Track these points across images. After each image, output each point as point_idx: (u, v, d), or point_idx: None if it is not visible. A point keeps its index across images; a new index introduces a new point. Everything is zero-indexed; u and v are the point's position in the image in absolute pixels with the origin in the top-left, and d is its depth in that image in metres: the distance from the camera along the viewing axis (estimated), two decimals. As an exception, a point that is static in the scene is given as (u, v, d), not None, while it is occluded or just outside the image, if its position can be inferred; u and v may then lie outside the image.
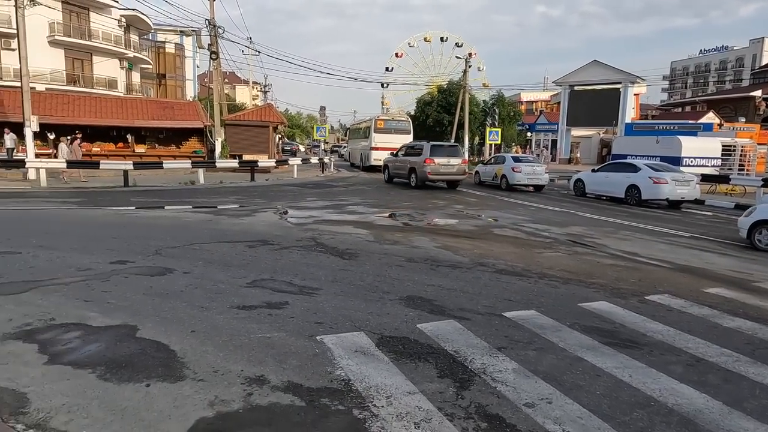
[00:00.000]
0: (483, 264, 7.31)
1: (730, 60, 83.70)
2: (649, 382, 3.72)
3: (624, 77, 39.90)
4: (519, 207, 15.15)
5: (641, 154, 24.11)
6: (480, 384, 3.61)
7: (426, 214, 12.95)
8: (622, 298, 5.86)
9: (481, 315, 5.08)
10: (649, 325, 4.96)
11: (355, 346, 4.18)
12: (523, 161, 21.60)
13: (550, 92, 59.19)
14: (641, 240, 10.01)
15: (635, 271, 7.29)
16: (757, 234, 9.60)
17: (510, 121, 42.24)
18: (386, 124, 29.63)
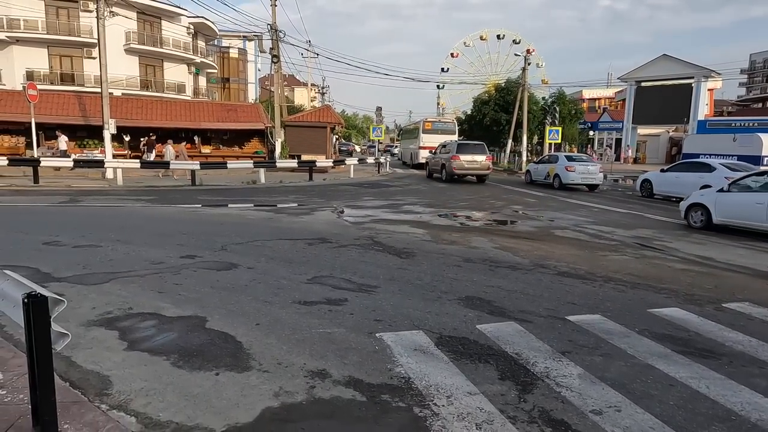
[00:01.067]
0: (544, 266, 7.11)
1: (820, 50, 76.72)
2: (729, 394, 3.48)
3: (697, 71, 37.58)
4: (580, 208, 14.61)
5: (716, 153, 22.71)
6: (543, 388, 3.51)
7: (483, 213, 12.75)
8: (697, 305, 5.52)
9: (543, 318, 4.95)
10: (728, 334, 4.65)
11: (414, 344, 4.18)
12: (576, 160, 21.13)
13: (615, 89, 56.67)
14: (716, 244, 9.38)
15: (710, 276, 6.85)
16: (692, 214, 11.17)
17: (571, 119, 40.70)
18: (433, 125, 32.27)
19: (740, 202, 10.24)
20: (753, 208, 9.92)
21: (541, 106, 38.04)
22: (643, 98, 40.01)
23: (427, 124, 32.44)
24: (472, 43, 62.82)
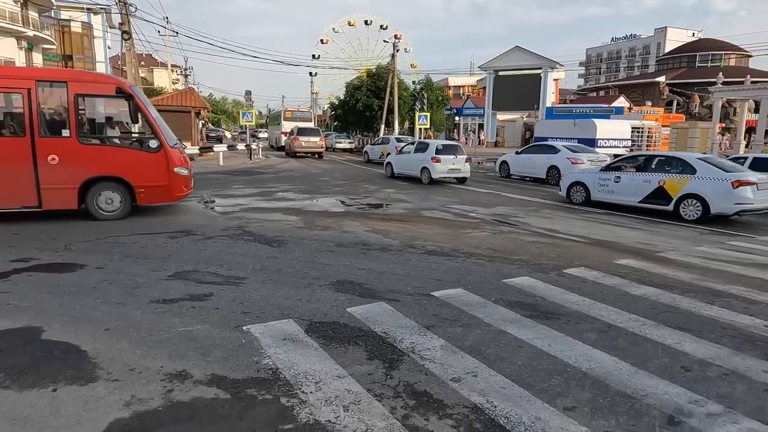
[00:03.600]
0: (413, 246, 7.41)
1: (638, 48, 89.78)
2: (566, 350, 3.94)
3: (544, 63, 41.70)
4: (446, 189, 15.49)
5: (561, 136, 25.39)
6: (409, 363, 3.66)
7: (357, 199, 12.93)
8: (543, 272, 6.16)
9: (411, 296, 5.15)
10: (567, 296, 5.25)
11: (283, 334, 4.09)
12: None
13: (477, 77, 60.76)
14: (561, 218, 10.57)
15: (555, 246, 7.68)
16: (573, 192, 13.01)
17: (438, 105, 42.96)
18: (293, 113, 38.24)
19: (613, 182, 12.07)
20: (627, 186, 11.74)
21: (411, 93, 39.49)
22: (501, 86, 43.47)
23: (287, 112, 38.49)
24: (341, 28, 62.95)
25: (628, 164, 12.30)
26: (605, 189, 12.21)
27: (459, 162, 16.81)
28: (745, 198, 9.99)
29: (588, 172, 13.33)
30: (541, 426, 2.89)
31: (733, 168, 10.88)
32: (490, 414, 3.00)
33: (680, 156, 11.58)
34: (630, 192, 11.66)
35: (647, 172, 11.48)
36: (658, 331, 4.38)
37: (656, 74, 60.65)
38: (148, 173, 8.98)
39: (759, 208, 10.36)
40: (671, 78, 54.85)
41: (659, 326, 4.49)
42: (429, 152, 16.91)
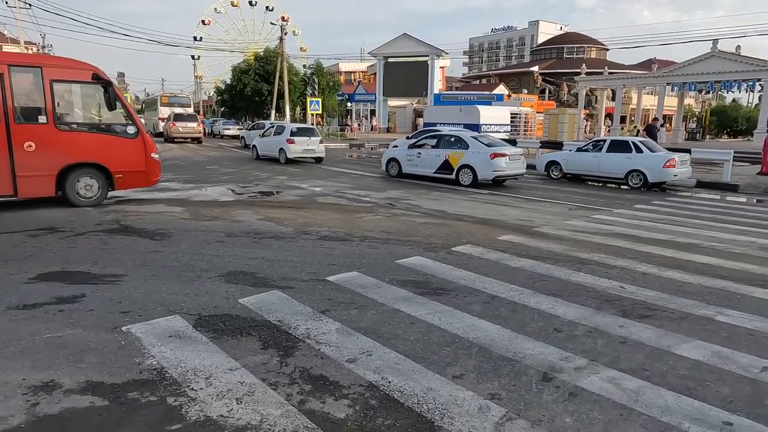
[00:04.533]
0: (307, 232, 7.34)
1: (515, 39, 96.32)
2: (454, 322, 4.16)
3: (431, 50, 43.12)
4: (341, 175, 15.53)
5: (448, 122, 26.52)
6: (304, 349, 3.63)
7: (249, 187, 12.48)
8: (434, 251, 6.44)
9: (306, 282, 5.11)
10: (455, 272, 5.54)
11: (168, 331, 3.85)
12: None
13: (367, 63, 61.22)
14: (449, 199, 11.09)
15: (444, 227, 8.05)
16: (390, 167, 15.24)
17: (330, 91, 42.68)
18: (170, 99, 38.24)
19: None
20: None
21: (302, 77, 38.78)
22: (391, 73, 44.25)
23: (164, 98, 38.34)
24: (224, 9, 59.76)
25: (426, 143, 14.69)
26: (411, 163, 14.68)
27: (313, 143, 19.02)
28: (500, 167, 12.94)
29: (397, 150, 15.89)
30: (432, 395, 3.03)
31: (494, 143, 13.77)
32: (385, 390, 3.08)
33: (459, 135, 14.35)
34: (428, 165, 14.18)
35: (439, 149, 14.07)
36: (535, 298, 4.79)
37: (531, 64, 65.62)
38: (127, 159, 9.04)
39: (510, 174, 13.46)
40: (543, 68, 59.70)
41: (536, 294, 4.91)
42: (285, 134, 19.03)
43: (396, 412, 2.86)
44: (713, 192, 13.81)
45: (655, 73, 36.98)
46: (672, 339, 3.94)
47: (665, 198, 12.21)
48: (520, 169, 13.66)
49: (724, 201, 12.43)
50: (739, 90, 35.65)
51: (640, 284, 5.29)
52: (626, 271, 5.78)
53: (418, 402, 2.96)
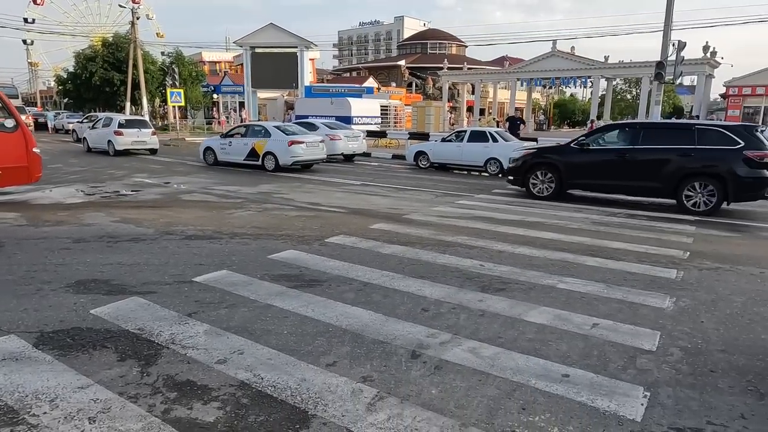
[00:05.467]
0: (170, 233, 6.86)
1: (382, 33, 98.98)
2: (327, 312, 4.21)
3: (299, 42, 42.46)
4: (207, 171, 14.75)
5: (320, 114, 26.50)
6: (169, 355, 3.41)
7: (101, 186, 11.29)
8: (307, 244, 6.42)
9: (169, 285, 4.79)
10: (329, 263, 5.59)
11: (1, 354, 3.36)
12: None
13: (233, 53, 58.53)
14: (323, 191, 11.12)
15: (318, 219, 8.06)
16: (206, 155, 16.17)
17: (193, 81, 40.10)
18: None
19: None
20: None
21: (160, 66, 35.90)
22: (259, 63, 42.75)
23: None
24: (62, -14, 52.92)
25: (236, 132, 15.83)
26: (224, 152, 15.62)
27: (144, 135, 19.31)
28: (297, 153, 14.28)
29: (213, 139, 16.81)
30: (306, 386, 3.04)
31: (294, 132, 15.15)
32: (257, 387, 3.02)
33: (263, 124, 15.79)
34: (238, 153, 15.24)
35: (247, 137, 15.20)
36: (405, 282, 5.03)
37: (398, 58, 68.00)
38: (7, 154, 8.15)
39: (308, 159, 14.82)
40: (410, 62, 62.21)
41: (405, 278, 5.15)
42: (113, 126, 18.96)
43: (269, 407, 2.83)
44: (556, 176, 15.57)
45: (507, 69, 40.58)
46: (522, 307, 4.40)
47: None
48: (320, 155, 15.15)
49: (565, 183, 14.09)
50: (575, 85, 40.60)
51: (496, 261, 5.81)
52: (485, 250, 6.31)
53: (292, 394, 2.95)
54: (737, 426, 2.75)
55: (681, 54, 15.63)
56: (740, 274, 5.58)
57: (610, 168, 9.84)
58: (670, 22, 15.74)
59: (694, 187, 9.19)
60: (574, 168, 10.25)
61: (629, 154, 9.68)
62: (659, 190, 9.59)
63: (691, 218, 8.82)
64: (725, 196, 9.02)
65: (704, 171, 9.08)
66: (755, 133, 9.10)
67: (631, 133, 10.00)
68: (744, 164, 8.77)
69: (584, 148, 10.23)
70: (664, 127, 10.56)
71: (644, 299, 4.66)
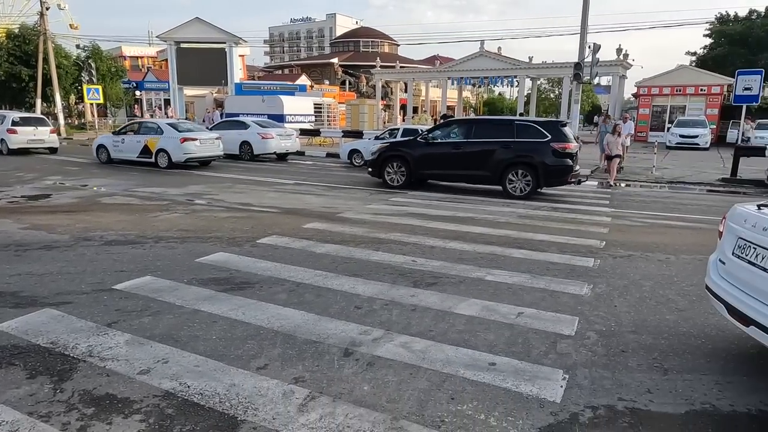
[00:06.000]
0: (88, 238, 6.45)
1: (314, 30, 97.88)
2: (258, 314, 4.12)
3: (227, 37, 41.14)
4: (130, 172, 13.97)
5: (251, 112, 25.81)
6: (85, 369, 3.21)
7: (7, 191, 10.39)
8: (237, 245, 6.25)
9: (87, 294, 4.50)
10: (260, 264, 5.48)
11: None
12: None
13: (157, 48, 55.67)
14: (255, 191, 10.86)
15: (249, 219, 7.87)
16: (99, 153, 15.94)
17: (113, 77, 37.78)
18: None
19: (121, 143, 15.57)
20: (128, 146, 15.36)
21: (75, 61, 33.56)
22: (185, 59, 40.98)
23: None
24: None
25: (129, 130, 15.93)
26: (117, 149, 15.55)
27: (42, 133, 18.72)
28: (191, 150, 14.48)
29: (106, 136, 16.57)
30: (236, 391, 2.97)
31: (188, 129, 15.36)
32: (183, 395, 2.91)
33: (156, 121, 16.17)
34: (131, 150, 15.20)
35: (139, 135, 15.25)
36: (338, 280, 5.02)
37: (331, 56, 67.52)
38: None
39: (202, 156, 15.03)
40: (343, 60, 61.98)
41: (339, 276, 5.15)
42: (5, 124, 18.24)
43: (196, 415, 2.73)
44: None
45: (438, 68, 41.41)
46: (453, 300, 4.53)
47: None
48: (215, 151, 15.42)
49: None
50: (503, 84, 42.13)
51: (428, 256, 5.93)
52: (417, 246, 6.43)
53: (220, 400, 2.87)
54: (644, 400, 2.98)
55: (596, 56, 16.64)
56: (649, 260, 6.05)
57: (449, 159, 11.06)
58: (586, 25, 16.72)
59: (516, 175, 10.50)
60: (420, 160, 11.37)
61: (463, 146, 10.94)
62: (488, 178, 10.83)
63: (608, 210, 9.45)
64: (538, 182, 10.39)
65: (521, 161, 10.45)
66: (560, 128, 10.59)
67: (465, 128, 11.33)
68: (551, 154, 10.20)
69: (429, 142, 11.41)
70: (491, 123, 12.01)
71: (565, 287, 4.94)
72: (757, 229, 3.07)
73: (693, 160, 19.88)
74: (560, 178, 10.49)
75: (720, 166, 16.47)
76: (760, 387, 3.19)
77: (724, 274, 3.40)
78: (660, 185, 13.65)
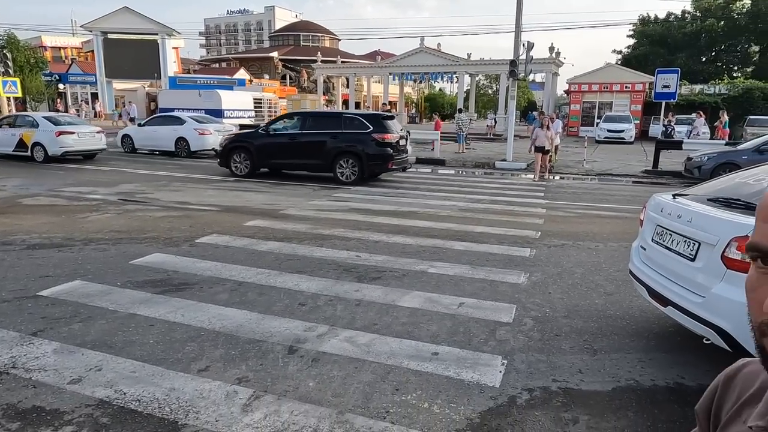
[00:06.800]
0: (8, 242, 6.01)
1: (253, 23, 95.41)
2: (199, 315, 4.01)
3: (159, 28, 39.35)
4: (57, 171, 13.11)
5: (187, 107, 24.87)
6: (9, 381, 3.01)
7: None
8: (175, 245, 6.03)
9: (8, 302, 4.20)
10: (200, 264, 5.32)
11: None
12: None
13: (82, 38, 52.30)
14: (193, 189, 10.49)
15: (187, 218, 7.60)
16: None
17: (33, 69, 35.21)
18: None
19: None
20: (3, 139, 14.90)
21: (-13, 51, 30.92)
22: (114, 51, 38.84)
23: None
24: None
25: (5, 123, 15.52)
26: None
27: None
28: (67, 143, 14.39)
29: None
30: (176, 395, 2.88)
31: (69, 122, 15.27)
32: (119, 403, 2.80)
33: (32, 114, 16.38)
34: (6, 144, 14.94)
35: (15, 128, 14.99)
36: (281, 278, 4.97)
37: (270, 50, 66.10)
38: None
39: (80, 150, 14.92)
40: (283, 54, 60.86)
41: (282, 274, 5.09)
42: None
43: (133, 422, 2.63)
44: (427, 166, 16.42)
45: (379, 63, 41.57)
46: (396, 294, 4.60)
47: (392, 174, 13.96)
48: (97, 145, 15.31)
49: (435, 174, 14.94)
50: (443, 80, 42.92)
51: (372, 251, 5.98)
52: (361, 241, 6.46)
53: (159, 406, 2.78)
54: (576, 380, 3.17)
55: (530, 54, 17.27)
56: (580, 248, 6.40)
57: (287, 149, 12.04)
58: (521, 24, 17.31)
59: (345, 163, 11.58)
60: (262, 150, 12.22)
61: (298, 137, 11.94)
62: (321, 166, 11.86)
63: (543, 201, 9.88)
64: (363, 169, 11.49)
65: (348, 150, 11.55)
66: (381, 121, 11.84)
67: (301, 120, 12.38)
68: (373, 144, 11.36)
69: (269, 133, 12.32)
70: (322, 116, 13.35)
71: (503, 277, 5.14)
72: (672, 216, 3.33)
73: (619, 153, 21.12)
74: (382, 165, 11.63)
75: (643, 159, 17.61)
76: (679, 361, 3.47)
77: (645, 259, 3.66)
78: (590, 177, 14.43)
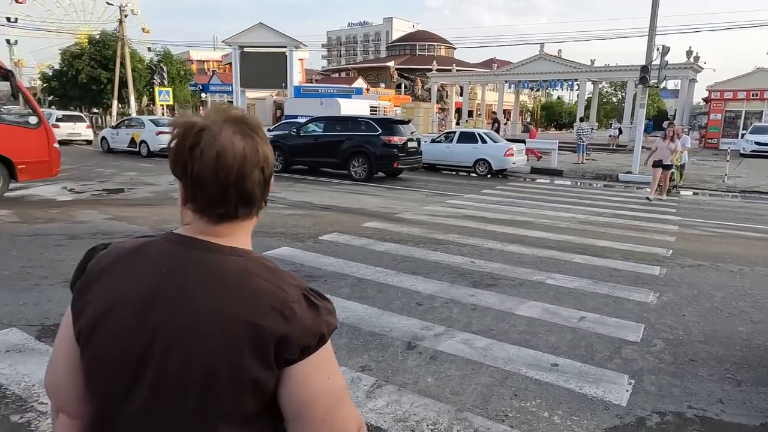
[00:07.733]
0: (164, 230, 6.91)
1: (371, 34, 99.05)
2: (324, 306, 4.31)
3: (288, 41, 42.45)
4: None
5: (309, 114, 26.51)
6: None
7: (90, 184, 11.25)
8: (301, 241, 6.52)
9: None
10: (323, 259, 5.70)
11: (5, 345, 3.42)
12: None
13: (222, 52, 58.19)
14: (315, 191, 11.20)
15: (310, 217, 8.16)
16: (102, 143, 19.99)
17: (181, 80, 39.90)
18: None
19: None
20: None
21: (147, 65, 35.67)
22: (248, 63, 42.63)
23: None
24: (45, -16, 52.04)
25: (123, 124, 18.92)
26: (114, 140, 18.74)
27: (79, 128, 22.71)
28: (164, 141, 14.91)
29: (107, 130, 20.12)
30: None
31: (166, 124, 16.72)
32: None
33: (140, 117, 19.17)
34: (123, 141, 18.25)
35: (129, 128, 18.17)
36: (398, 277, 5.15)
37: (387, 59, 68.13)
38: (30, 149, 8.80)
39: None
40: (399, 63, 62.41)
41: (399, 274, 5.28)
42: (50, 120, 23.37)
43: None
44: (544, 177, 15.85)
45: (495, 71, 40.92)
46: (513, 302, 4.55)
47: (506, 183, 13.73)
48: None
49: (552, 184, 14.37)
50: (562, 88, 41.10)
51: (486, 258, 5.96)
52: (475, 247, 6.46)
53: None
54: (716, 410, 2.92)
55: (665, 59, 15.96)
56: (720, 270, 5.80)
57: (311, 149, 13.62)
58: (655, 26, 16.07)
59: (357, 161, 12.90)
60: (293, 149, 13.82)
61: (321, 138, 13.57)
62: (338, 164, 13.29)
63: (674, 218, 9.08)
64: (372, 167, 12.76)
65: (360, 150, 12.87)
66: (390, 124, 13.21)
67: (324, 124, 13.94)
68: (381, 145, 12.57)
69: (299, 134, 13.93)
70: (340, 120, 14.60)
71: (629, 294, 4.84)
72: None
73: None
74: (389, 164, 12.82)
75: (801, 176, 15.38)
76: None
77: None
78: (732, 194, 12.94)
